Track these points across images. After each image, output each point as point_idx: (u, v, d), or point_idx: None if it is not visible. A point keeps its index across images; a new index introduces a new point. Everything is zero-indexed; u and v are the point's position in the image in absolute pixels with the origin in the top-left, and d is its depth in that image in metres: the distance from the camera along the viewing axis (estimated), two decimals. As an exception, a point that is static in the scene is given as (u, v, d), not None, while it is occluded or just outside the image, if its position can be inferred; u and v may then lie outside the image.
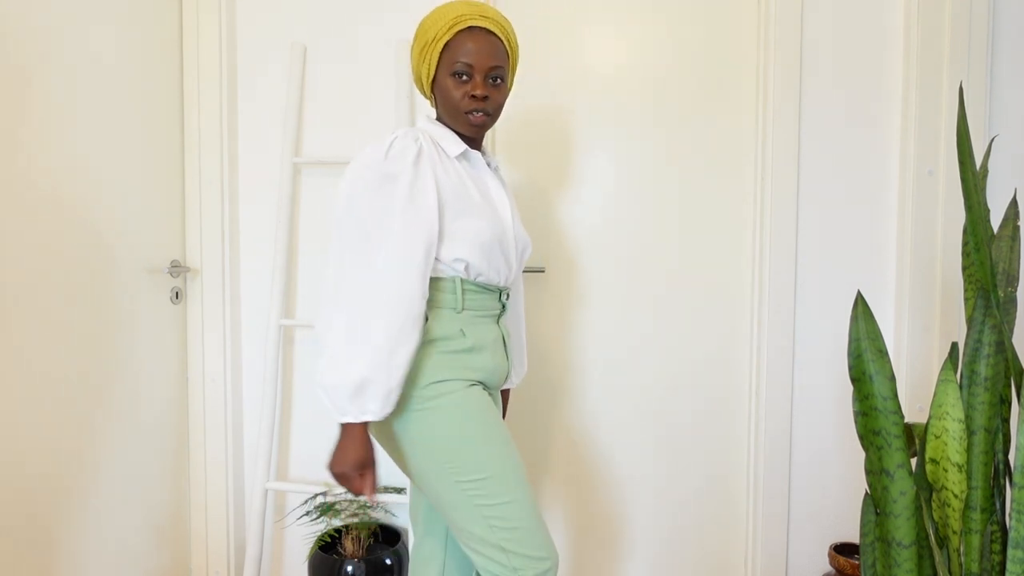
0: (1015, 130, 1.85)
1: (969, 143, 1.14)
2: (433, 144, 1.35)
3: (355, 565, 1.85)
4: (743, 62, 1.95)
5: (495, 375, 1.38)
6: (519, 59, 1.43)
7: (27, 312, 1.48)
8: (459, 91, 1.33)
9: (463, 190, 1.34)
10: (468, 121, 1.34)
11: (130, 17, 1.80)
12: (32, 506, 1.50)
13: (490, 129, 1.46)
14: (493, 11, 1.35)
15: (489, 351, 1.36)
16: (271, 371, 2.00)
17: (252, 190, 2.08)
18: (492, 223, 1.36)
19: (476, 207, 1.34)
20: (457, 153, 1.36)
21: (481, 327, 1.36)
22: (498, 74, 1.33)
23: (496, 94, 1.35)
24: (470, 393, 1.28)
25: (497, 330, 1.40)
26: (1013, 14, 1.84)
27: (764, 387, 1.93)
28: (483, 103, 1.33)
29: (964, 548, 1.18)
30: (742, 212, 1.98)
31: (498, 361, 1.38)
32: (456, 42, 1.32)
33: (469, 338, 1.32)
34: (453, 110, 1.35)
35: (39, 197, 1.51)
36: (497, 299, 1.39)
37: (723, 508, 2.03)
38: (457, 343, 1.31)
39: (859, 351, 1.23)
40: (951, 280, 1.84)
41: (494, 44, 1.33)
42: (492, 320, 1.39)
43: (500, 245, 1.37)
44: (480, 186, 1.38)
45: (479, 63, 1.31)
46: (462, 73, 1.32)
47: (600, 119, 2.00)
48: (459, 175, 1.35)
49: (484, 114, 1.34)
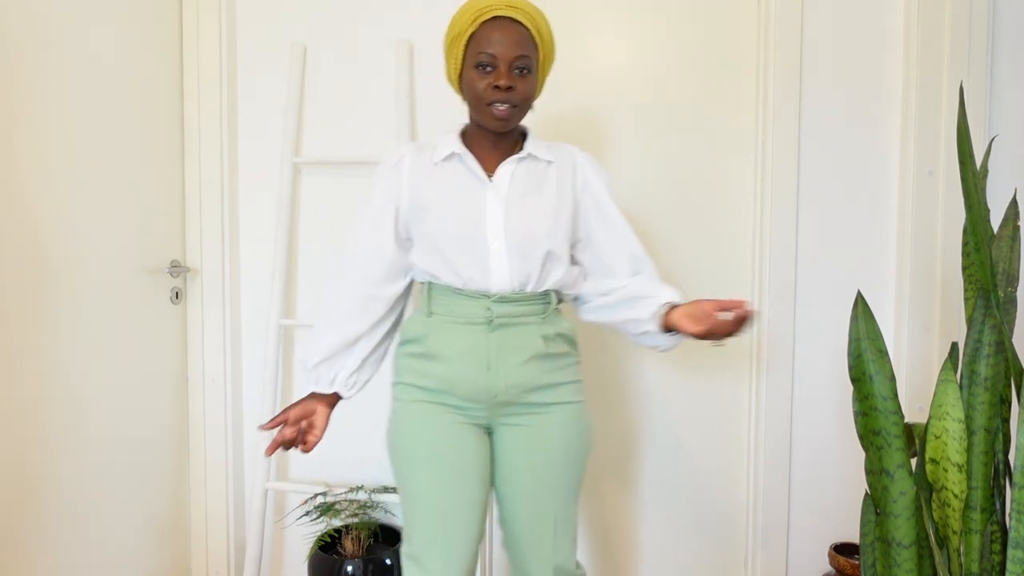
0: (1015, 130, 1.85)
1: (969, 143, 1.14)
2: (422, 152, 1.39)
3: (355, 565, 1.85)
4: (743, 62, 1.95)
5: (462, 386, 1.32)
6: (553, 52, 1.37)
7: (27, 312, 1.48)
8: (483, 82, 1.29)
9: (430, 195, 1.34)
10: (492, 114, 1.30)
11: (130, 17, 1.80)
12: (32, 506, 1.50)
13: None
14: (522, 0, 1.31)
15: (454, 362, 1.31)
16: (271, 371, 2.00)
17: (252, 190, 2.07)
18: (447, 220, 1.32)
19: (438, 212, 1.33)
20: (441, 158, 1.36)
21: (450, 334, 1.32)
22: (524, 64, 1.29)
23: (522, 84, 1.29)
24: (407, 409, 1.36)
25: (479, 340, 1.31)
26: (1013, 14, 1.84)
27: (764, 387, 1.93)
28: (507, 94, 1.28)
29: (964, 548, 1.18)
30: (742, 212, 1.97)
31: (467, 374, 1.31)
32: (480, 33, 1.29)
33: (430, 344, 1.33)
34: (477, 103, 1.32)
35: (39, 197, 1.51)
36: (480, 306, 1.31)
37: (723, 508, 2.03)
38: (415, 347, 1.36)
39: (859, 351, 1.23)
40: (951, 280, 1.84)
41: (520, 33, 1.28)
42: (474, 328, 1.31)
43: (456, 242, 1.31)
44: (456, 186, 1.34)
45: (503, 53, 1.28)
46: (486, 64, 1.29)
47: (600, 119, 2.00)
48: (436, 180, 1.35)
49: (509, 105, 1.29)
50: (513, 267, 1.31)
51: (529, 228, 1.32)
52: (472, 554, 1.30)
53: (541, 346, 1.33)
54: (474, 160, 1.35)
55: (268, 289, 2.05)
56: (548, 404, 1.34)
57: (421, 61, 1.99)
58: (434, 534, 1.29)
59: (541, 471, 1.34)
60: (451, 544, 1.28)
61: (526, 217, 1.32)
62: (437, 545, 1.28)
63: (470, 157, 1.35)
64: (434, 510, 1.30)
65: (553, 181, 1.37)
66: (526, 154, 1.36)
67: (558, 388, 1.36)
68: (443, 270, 1.33)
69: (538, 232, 1.32)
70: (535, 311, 1.34)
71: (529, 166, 1.37)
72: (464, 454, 1.32)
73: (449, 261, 1.32)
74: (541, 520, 1.35)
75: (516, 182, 1.35)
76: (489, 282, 1.31)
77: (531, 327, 1.33)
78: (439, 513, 1.29)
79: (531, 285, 1.33)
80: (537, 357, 1.33)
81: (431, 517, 1.30)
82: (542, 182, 1.36)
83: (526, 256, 1.32)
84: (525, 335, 1.33)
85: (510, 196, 1.33)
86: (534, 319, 1.34)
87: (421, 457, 1.32)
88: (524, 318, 1.33)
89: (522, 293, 1.33)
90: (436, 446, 1.32)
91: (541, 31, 1.32)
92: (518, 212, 1.32)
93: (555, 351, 1.35)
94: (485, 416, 1.35)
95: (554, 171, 1.38)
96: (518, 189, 1.34)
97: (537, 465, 1.34)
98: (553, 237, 1.33)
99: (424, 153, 1.39)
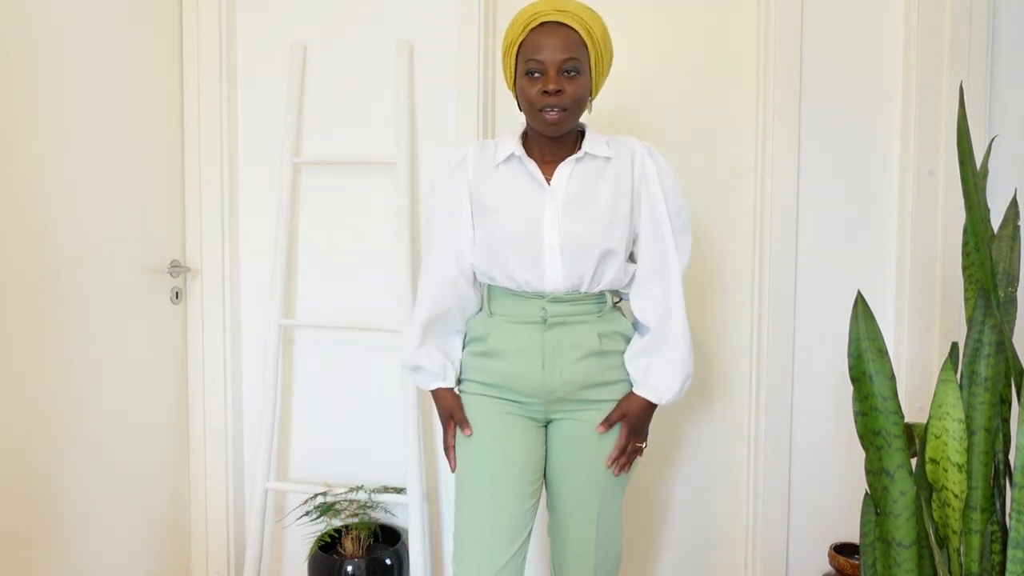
0: (1015, 130, 1.85)
1: (969, 143, 1.14)
2: (484, 151, 1.41)
3: (355, 565, 1.85)
4: (743, 62, 1.95)
5: (520, 382, 1.37)
6: (609, 50, 1.37)
7: (27, 312, 1.48)
8: (533, 89, 1.31)
9: (492, 197, 1.37)
10: (544, 119, 1.32)
11: (130, 17, 1.80)
12: (32, 506, 1.50)
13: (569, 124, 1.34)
14: (572, 3, 1.32)
15: (511, 359, 1.37)
16: (271, 371, 2.00)
17: (252, 190, 2.07)
18: (506, 227, 1.34)
19: (493, 213, 1.36)
20: (502, 159, 1.38)
21: (508, 333, 1.38)
22: (573, 66, 1.30)
23: (571, 87, 1.30)
24: (469, 400, 1.43)
25: (535, 338, 1.36)
26: (1013, 14, 1.84)
27: (764, 387, 1.93)
28: (557, 98, 1.29)
29: (964, 548, 1.18)
30: (742, 212, 1.97)
31: (523, 370, 1.36)
32: (529, 41, 1.31)
33: (490, 343, 1.39)
34: (530, 109, 1.33)
35: (38, 197, 1.51)
36: (535, 306, 1.36)
37: (723, 508, 2.03)
38: (478, 346, 1.42)
39: (859, 351, 1.22)
40: (951, 280, 1.84)
41: (567, 36, 1.29)
42: (531, 327, 1.36)
43: (515, 248, 1.34)
44: (515, 190, 1.37)
45: (550, 58, 1.29)
46: (535, 71, 1.31)
47: (599, 119, 2.00)
48: (497, 182, 1.38)
49: (560, 110, 1.30)
50: (567, 270, 1.34)
51: (585, 232, 1.33)
52: (515, 543, 1.34)
53: (596, 344, 1.36)
54: (533, 163, 1.37)
55: (268, 289, 2.05)
56: (603, 400, 1.38)
57: (421, 61, 1.99)
58: (475, 519, 1.35)
59: (590, 464, 1.38)
60: (497, 536, 1.33)
61: (582, 221, 1.34)
62: (481, 535, 1.33)
63: (529, 159, 1.37)
64: (476, 494, 1.36)
65: (611, 178, 1.37)
66: (583, 154, 1.37)
67: (615, 385, 1.39)
68: (499, 274, 1.37)
69: (593, 235, 1.33)
70: (590, 310, 1.37)
71: (587, 165, 1.37)
72: (515, 447, 1.37)
73: (505, 266, 1.36)
74: (587, 516, 1.38)
75: (573, 184, 1.36)
76: (544, 284, 1.35)
77: (587, 325, 1.37)
78: (478, 497, 1.35)
79: (585, 286, 1.36)
80: (592, 354, 1.36)
81: (473, 501, 1.36)
82: (599, 180, 1.37)
83: (580, 259, 1.34)
84: (581, 333, 1.36)
85: (567, 199, 1.35)
86: (590, 317, 1.37)
87: (473, 443, 1.39)
88: (580, 316, 1.36)
89: (576, 293, 1.36)
90: (485, 434, 1.38)
91: (592, 31, 1.32)
92: (574, 216, 1.34)
93: (611, 348, 1.38)
94: (542, 410, 1.39)
95: (612, 167, 1.38)
96: (575, 191, 1.35)
97: (588, 461, 1.38)
98: (608, 237, 1.34)
99: (486, 153, 1.42)
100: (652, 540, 2.05)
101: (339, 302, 2.06)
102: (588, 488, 1.38)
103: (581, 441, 1.38)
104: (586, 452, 1.38)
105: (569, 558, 1.40)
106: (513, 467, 1.36)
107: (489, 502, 1.34)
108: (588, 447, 1.38)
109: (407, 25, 1.99)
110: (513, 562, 1.33)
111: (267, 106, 2.05)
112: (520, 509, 1.35)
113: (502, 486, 1.34)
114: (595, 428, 1.37)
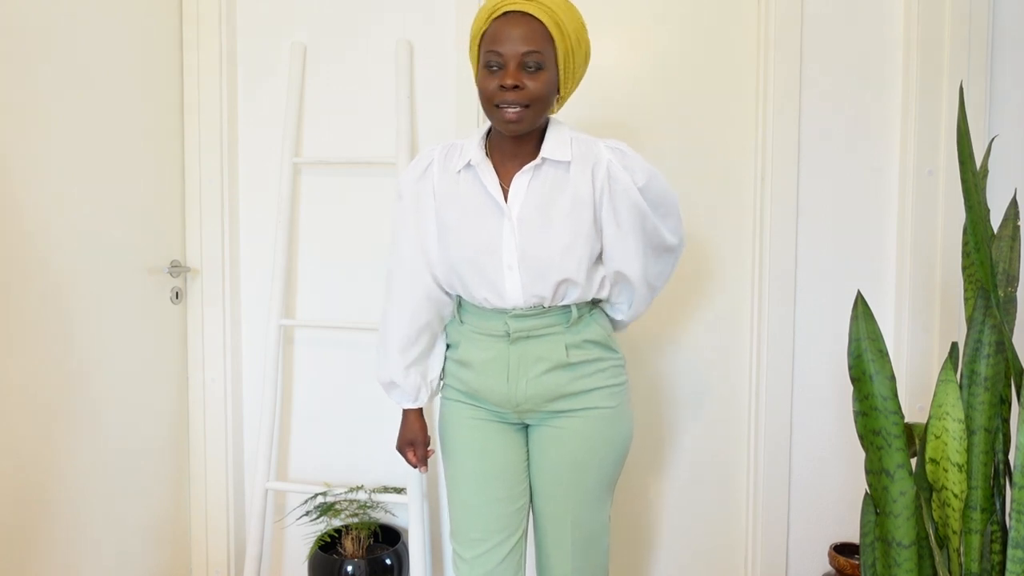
0: (1015, 130, 1.85)
1: (969, 143, 1.14)
2: (449, 156, 1.33)
3: (355, 565, 1.85)
4: (743, 62, 1.95)
5: (487, 393, 1.34)
6: (584, 45, 1.25)
7: (27, 312, 1.48)
8: (490, 83, 1.20)
9: (450, 213, 1.31)
10: (502, 117, 1.20)
11: (130, 17, 1.80)
12: (32, 506, 1.50)
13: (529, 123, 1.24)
14: None
15: (478, 369, 1.33)
16: (271, 371, 2.00)
17: (252, 190, 2.07)
18: (464, 246, 1.28)
19: (450, 231, 1.30)
20: (460, 167, 1.30)
21: (476, 344, 1.34)
22: (535, 61, 1.18)
23: (533, 82, 1.19)
24: (446, 406, 1.43)
25: (500, 351, 1.31)
26: (1013, 14, 1.84)
27: (764, 387, 1.93)
28: (514, 93, 1.18)
29: (964, 548, 1.18)
30: (742, 212, 1.97)
31: (490, 383, 1.32)
32: (490, 31, 1.21)
33: (461, 352, 1.38)
34: (487, 105, 1.23)
35: (38, 197, 1.51)
36: (499, 320, 1.30)
37: (723, 508, 2.03)
38: (454, 353, 1.41)
39: (859, 351, 1.23)
40: (951, 280, 1.84)
41: (531, 27, 1.18)
42: (496, 340, 1.32)
43: (473, 267, 1.28)
44: (472, 204, 1.29)
45: (510, 50, 1.18)
46: (493, 64, 1.20)
47: (599, 119, 2.00)
48: (456, 193, 1.31)
49: (519, 107, 1.19)
50: (527, 289, 1.28)
51: (543, 254, 1.25)
52: (509, 543, 1.34)
53: (563, 356, 1.30)
54: (491, 172, 1.28)
55: (268, 289, 2.05)
56: (576, 410, 1.33)
57: (421, 61, 1.99)
58: (463, 525, 1.36)
59: (562, 474, 1.35)
60: (487, 537, 1.34)
61: (541, 239, 1.25)
62: (467, 536, 1.35)
63: (487, 168, 1.28)
64: (461, 500, 1.37)
65: (571, 185, 1.26)
66: (541, 160, 1.27)
67: (589, 394, 1.33)
68: (460, 289, 1.35)
69: (552, 254, 1.25)
70: (557, 322, 1.31)
71: (546, 174, 1.28)
72: (494, 454, 1.36)
73: (464, 283, 1.32)
74: (559, 522, 1.36)
75: (531, 197, 1.27)
76: (504, 301, 1.29)
77: (554, 337, 1.30)
78: (463, 504, 1.37)
79: (548, 303, 1.30)
80: (559, 367, 1.30)
81: (459, 507, 1.38)
82: (559, 191, 1.27)
83: (538, 280, 1.27)
84: (546, 346, 1.30)
85: (524, 215, 1.26)
86: (557, 329, 1.30)
87: (454, 452, 1.39)
88: (545, 329, 1.30)
89: (539, 308, 1.30)
90: (463, 444, 1.38)
91: (562, 23, 1.20)
92: (531, 233, 1.26)
93: (581, 359, 1.31)
94: (516, 418, 1.38)
95: (572, 174, 1.27)
96: (532, 206, 1.26)
97: (558, 468, 1.35)
98: (569, 258, 1.25)
99: (451, 157, 1.33)
100: (651, 540, 2.05)
101: (339, 302, 2.06)
102: (563, 494, 1.34)
103: (557, 447, 1.34)
104: (562, 458, 1.34)
105: (543, 560, 1.40)
106: (492, 473, 1.34)
107: (475, 510, 1.35)
108: (564, 453, 1.34)
109: (407, 25, 1.99)
110: (510, 559, 1.34)
111: (267, 106, 2.05)
112: (507, 511, 1.34)
113: (484, 492, 1.34)
114: (572, 435, 1.33)
